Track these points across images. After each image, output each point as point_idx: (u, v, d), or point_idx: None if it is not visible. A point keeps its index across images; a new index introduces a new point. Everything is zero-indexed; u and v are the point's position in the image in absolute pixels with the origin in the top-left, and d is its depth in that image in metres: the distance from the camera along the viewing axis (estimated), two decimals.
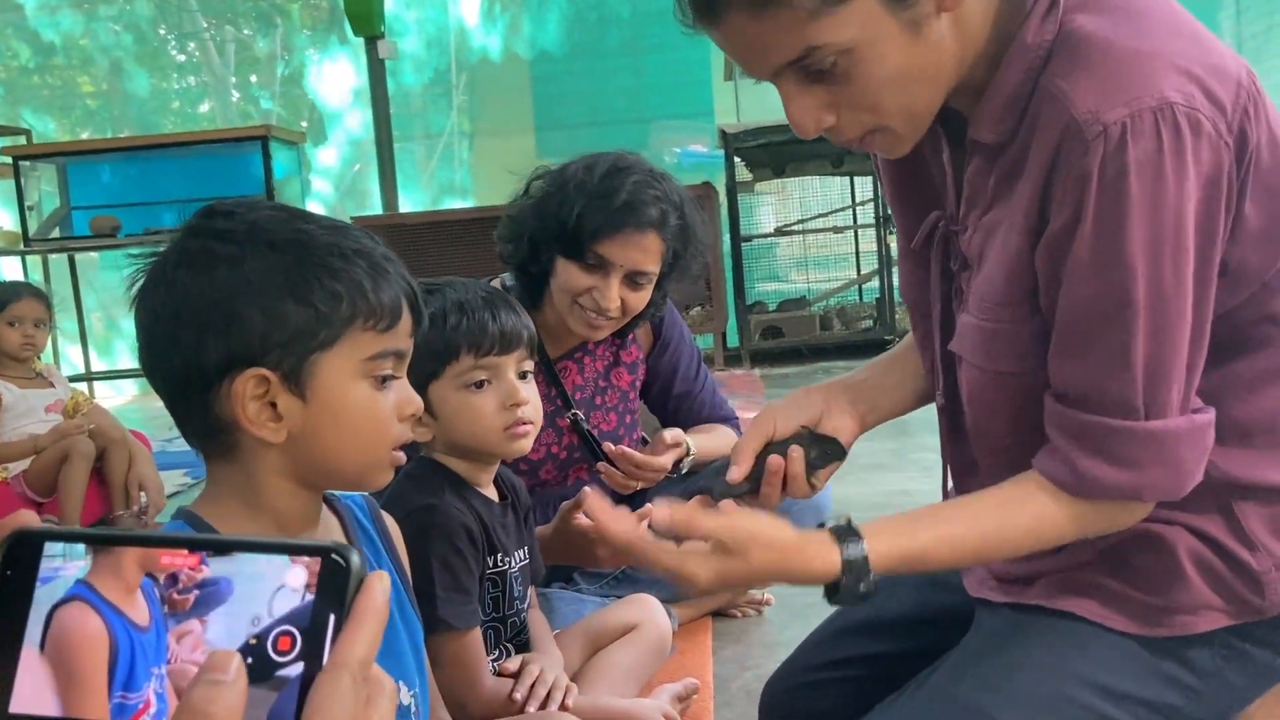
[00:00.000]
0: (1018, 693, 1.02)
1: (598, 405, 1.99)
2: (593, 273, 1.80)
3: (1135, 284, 0.89)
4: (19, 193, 5.29)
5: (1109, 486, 0.95)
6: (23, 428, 3.13)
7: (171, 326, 0.86)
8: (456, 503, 1.39)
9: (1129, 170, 0.87)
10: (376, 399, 0.90)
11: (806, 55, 0.92)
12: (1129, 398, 0.92)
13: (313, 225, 0.89)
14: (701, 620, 2.00)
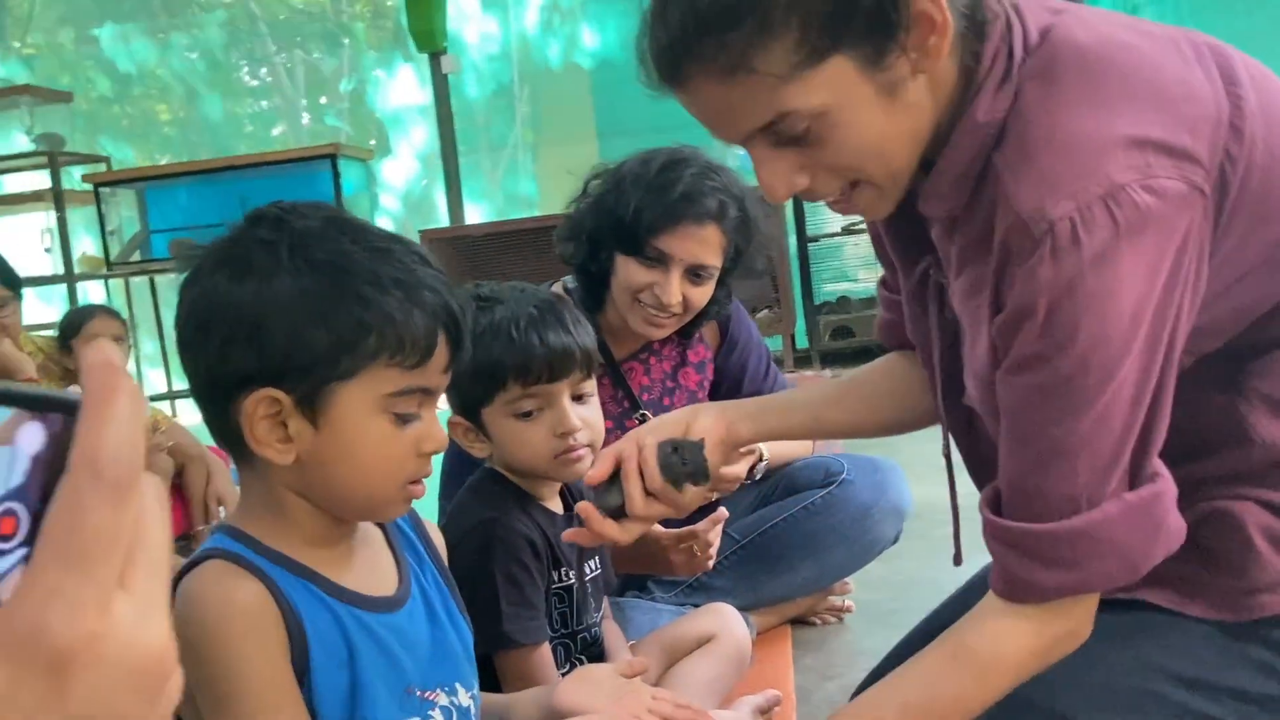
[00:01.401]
0: (1094, 691, 0.97)
1: (666, 406, 1.95)
2: (652, 268, 1.75)
3: (1084, 376, 0.84)
4: (100, 218, 5.45)
5: (1049, 588, 0.90)
6: None
7: (200, 329, 0.85)
8: (520, 516, 1.36)
9: (1084, 266, 0.82)
10: (393, 436, 0.86)
11: (778, 120, 0.88)
12: (1068, 490, 0.88)
13: (358, 246, 0.85)
14: (780, 628, 1.95)
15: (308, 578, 0.87)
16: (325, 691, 0.85)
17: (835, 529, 1.89)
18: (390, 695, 0.88)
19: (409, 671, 0.90)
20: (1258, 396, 0.95)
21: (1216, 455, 0.97)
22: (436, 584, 0.99)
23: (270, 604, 0.83)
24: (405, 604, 0.93)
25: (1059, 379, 0.85)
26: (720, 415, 1.18)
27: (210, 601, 0.83)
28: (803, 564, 1.89)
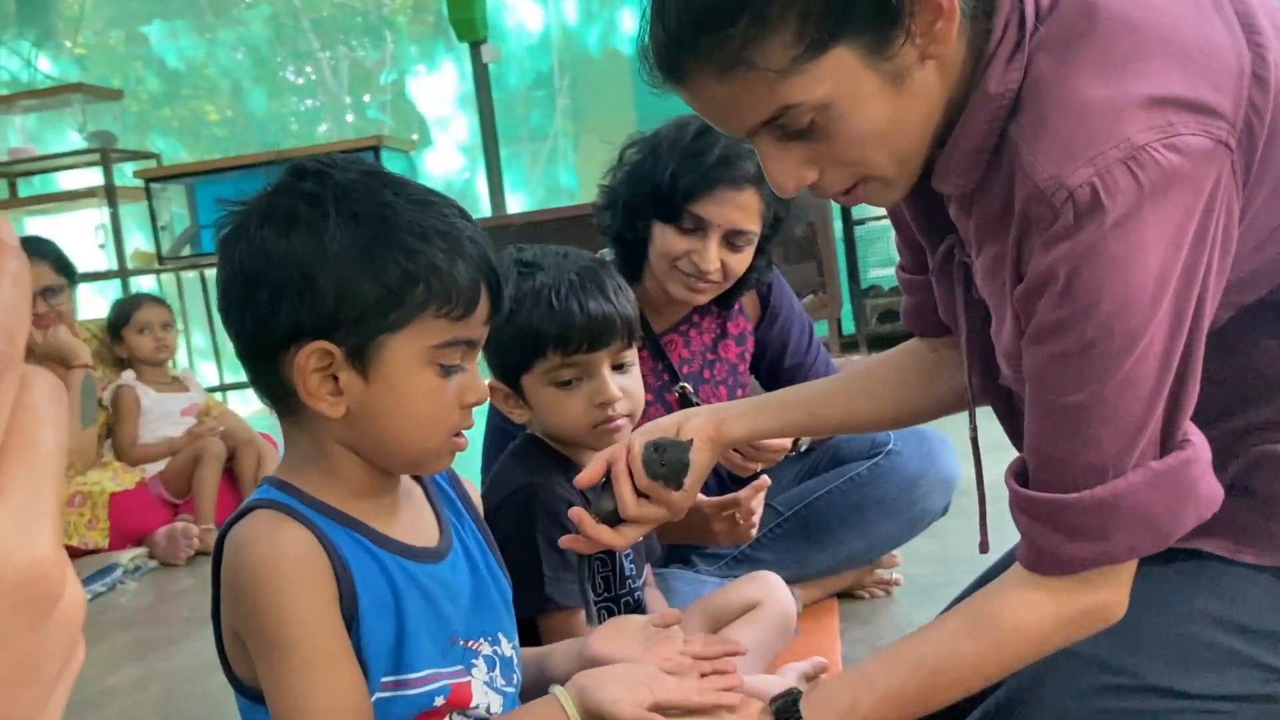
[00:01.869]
0: (1143, 640, 0.95)
1: (706, 379, 1.94)
2: (690, 235, 1.74)
3: (1108, 343, 0.82)
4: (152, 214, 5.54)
5: (1076, 559, 0.89)
6: (159, 431, 3.26)
7: (249, 285, 0.85)
8: (560, 481, 1.36)
9: (1105, 230, 0.80)
10: (439, 387, 0.87)
11: (781, 114, 0.87)
12: (1093, 460, 0.86)
13: (400, 198, 0.86)
14: (827, 601, 1.93)
15: (354, 528, 0.88)
16: (372, 639, 0.85)
17: (882, 500, 1.87)
18: (434, 644, 0.88)
19: (453, 621, 0.90)
20: None
21: (1268, 402, 0.95)
22: (476, 538, 0.99)
23: (319, 551, 0.84)
24: (448, 556, 0.93)
25: (1082, 345, 0.83)
26: (711, 415, 1.18)
27: (260, 549, 0.83)
28: (849, 536, 1.87)
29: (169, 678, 2.07)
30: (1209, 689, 0.94)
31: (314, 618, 0.82)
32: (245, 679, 0.88)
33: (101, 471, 3.15)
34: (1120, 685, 0.95)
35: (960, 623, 0.96)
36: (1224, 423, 0.96)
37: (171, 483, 3.15)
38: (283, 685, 0.82)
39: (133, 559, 2.96)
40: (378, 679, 0.85)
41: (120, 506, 3.06)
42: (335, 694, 0.82)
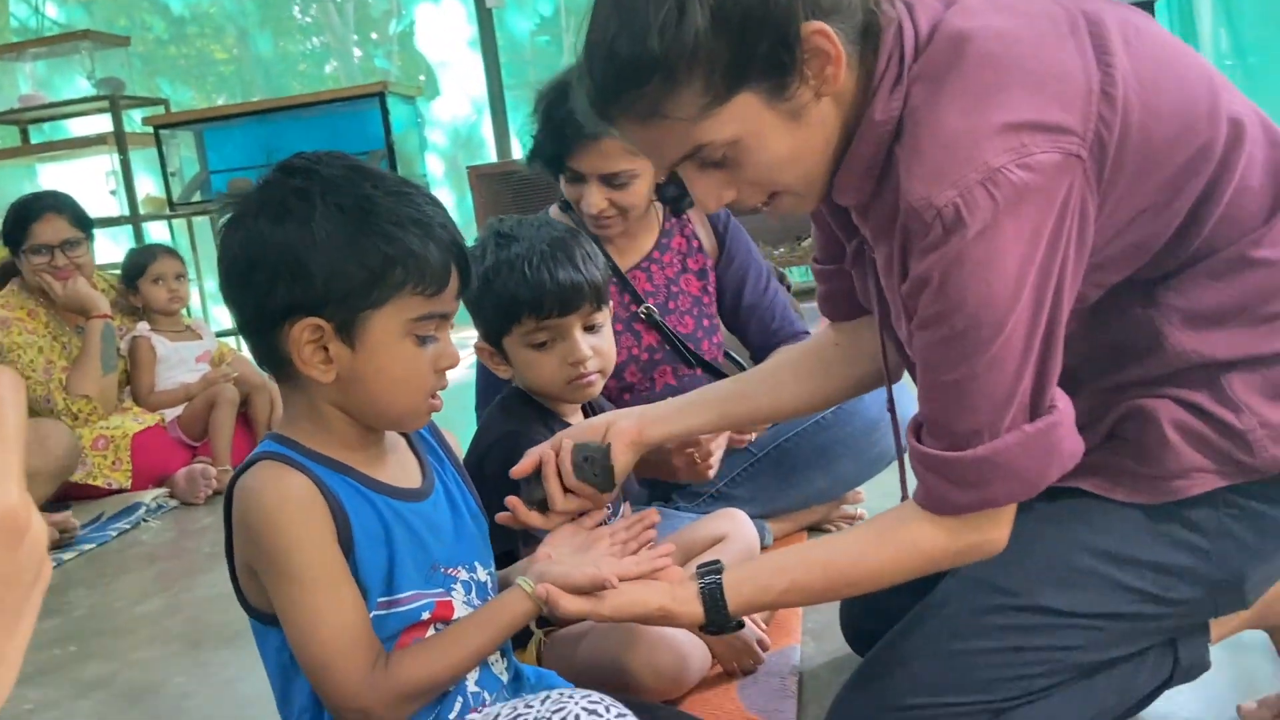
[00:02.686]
0: (1031, 566, 1.10)
1: (671, 310, 2.10)
2: (576, 184, 1.96)
3: (976, 331, 0.96)
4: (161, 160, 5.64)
5: (960, 504, 1.04)
6: (175, 377, 3.41)
7: (247, 268, 0.98)
8: (541, 429, 1.51)
9: (968, 241, 0.94)
10: (417, 355, 1.00)
11: (696, 151, 1.03)
12: (971, 425, 1.00)
13: (378, 190, 0.98)
14: (797, 535, 2.08)
15: (346, 473, 1.02)
16: (367, 567, 1.00)
17: (845, 441, 2.02)
18: (418, 571, 1.03)
19: (434, 551, 1.05)
20: (1171, 310, 1.06)
21: (1137, 363, 1.08)
22: (455, 481, 1.14)
23: (317, 494, 0.98)
24: (430, 495, 1.08)
25: (955, 334, 0.98)
26: (637, 419, 1.32)
27: (267, 494, 0.98)
28: (815, 475, 2.03)
29: (193, 606, 2.25)
30: (1084, 608, 1.09)
31: (317, 549, 0.97)
32: (258, 606, 1.03)
33: (123, 416, 3.31)
34: (1007, 605, 1.10)
35: (868, 536, 1.11)
36: (1101, 382, 1.10)
37: (188, 426, 3.31)
38: (295, 608, 0.97)
39: (155, 498, 3.14)
40: (374, 600, 1.00)
41: (142, 446, 3.23)
42: (340, 611, 0.97)
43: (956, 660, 1.10)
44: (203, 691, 1.81)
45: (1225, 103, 1.03)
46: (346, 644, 0.96)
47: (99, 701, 1.83)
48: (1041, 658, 1.09)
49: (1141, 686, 1.15)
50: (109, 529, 2.93)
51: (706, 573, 1.11)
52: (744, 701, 1.45)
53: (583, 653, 1.43)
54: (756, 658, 1.53)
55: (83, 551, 2.77)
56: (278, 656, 1.03)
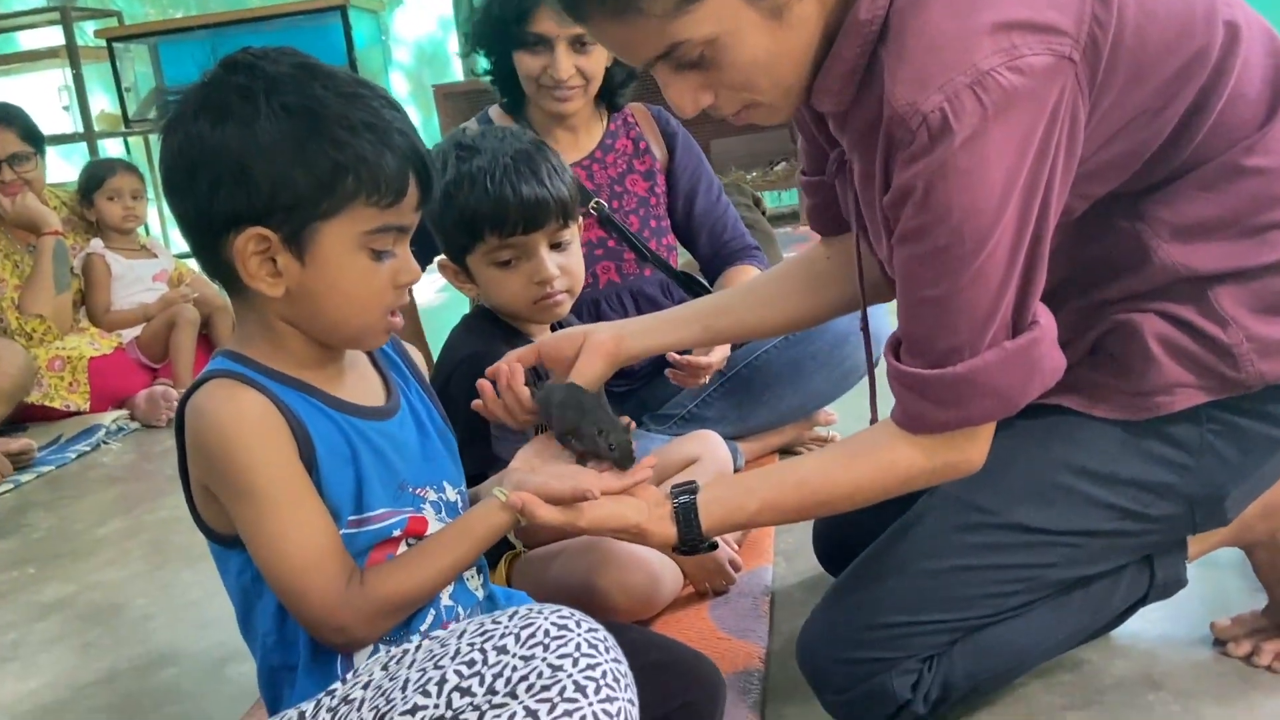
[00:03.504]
0: (1009, 484, 1.08)
1: (616, 209, 2.06)
2: (540, 52, 1.91)
3: (959, 245, 0.92)
4: (115, 75, 5.45)
5: (938, 422, 1.01)
6: (133, 296, 3.33)
7: (187, 174, 0.91)
8: (505, 349, 1.45)
9: (955, 149, 0.89)
10: (372, 270, 0.94)
11: (672, 50, 0.97)
12: (951, 342, 0.97)
13: (329, 91, 0.90)
14: (768, 457, 2.07)
15: (305, 391, 0.97)
16: (334, 485, 0.95)
17: (815, 356, 1.99)
18: (386, 491, 0.99)
19: (401, 471, 1.00)
20: (1158, 223, 1.03)
21: (1122, 277, 1.05)
22: (420, 398, 1.09)
23: (274, 410, 0.93)
24: (396, 414, 1.03)
25: (937, 248, 0.94)
26: (615, 332, 1.27)
27: (221, 412, 0.92)
28: (786, 391, 2.01)
29: (155, 528, 2.21)
30: (1062, 525, 1.07)
31: (278, 465, 0.92)
32: (216, 529, 0.98)
33: (79, 336, 3.23)
34: (985, 523, 1.08)
35: (843, 456, 1.09)
36: (1085, 298, 1.07)
37: (148, 348, 3.24)
38: (259, 528, 0.92)
39: (115, 420, 3.08)
40: (343, 519, 0.96)
41: (99, 370, 3.16)
42: (307, 529, 0.92)
43: (932, 578, 1.09)
44: (165, 613, 1.78)
45: (1222, 5, 0.99)
46: (317, 562, 0.92)
47: (58, 623, 1.80)
48: (1018, 575, 1.08)
49: (1117, 604, 1.15)
50: (68, 451, 2.87)
51: (681, 493, 1.08)
52: (716, 622, 1.44)
53: (553, 574, 1.41)
54: (729, 578, 1.52)
55: (41, 474, 2.72)
56: (239, 580, 0.99)
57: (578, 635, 0.81)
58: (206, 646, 1.62)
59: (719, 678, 1.14)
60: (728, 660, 1.31)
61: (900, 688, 1.09)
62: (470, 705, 0.78)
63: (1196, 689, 1.16)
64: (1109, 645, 1.23)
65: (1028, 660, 1.14)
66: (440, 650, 0.82)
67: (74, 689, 1.55)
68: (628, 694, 0.81)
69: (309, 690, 0.95)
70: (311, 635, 0.95)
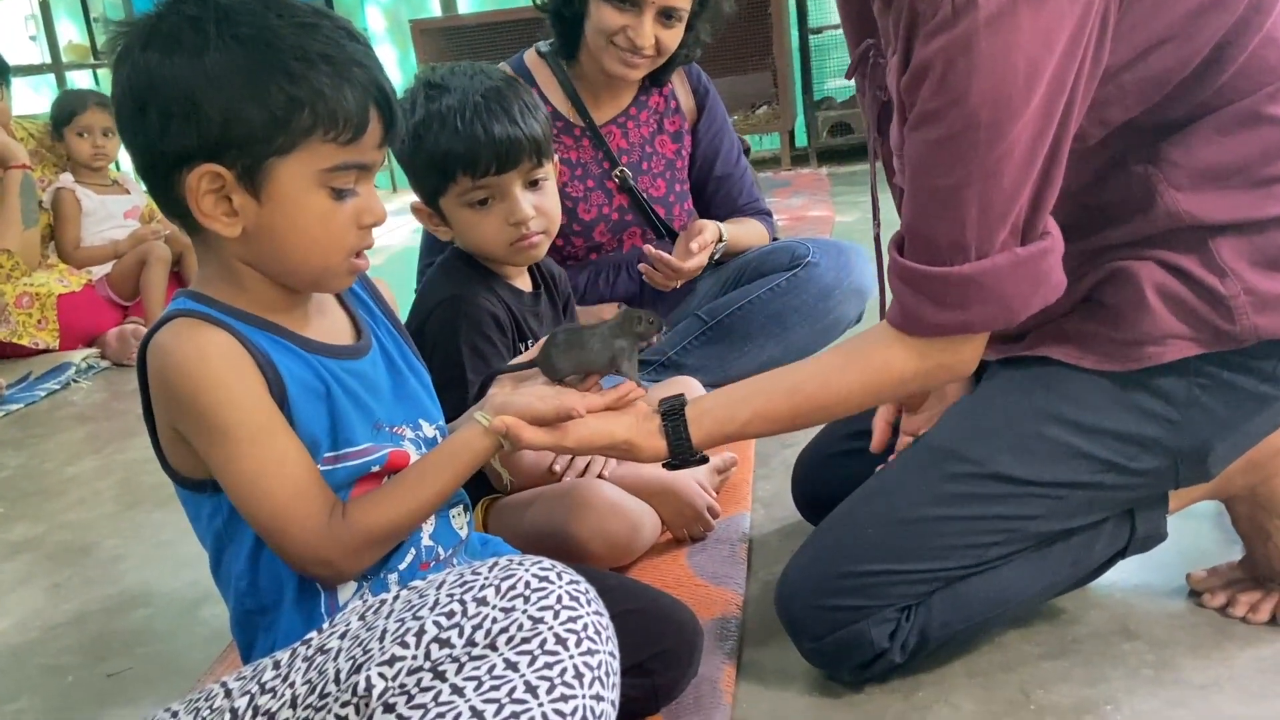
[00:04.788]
0: (991, 434, 1.07)
1: (644, 170, 2.04)
2: (626, 11, 1.85)
3: (975, 133, 0.89)
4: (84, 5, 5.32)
5: (936, 325, 0.99)
6: (104, 233, 3.27)
7: (137, 108, 0.87)
8: (484, 294, 1.43)
9: (978, 26, 0.86)
10: (333, 209, 0.90)
11: None
12: (958, 239, 0.94)
13: (283, 20, 0.86)
14: None
15: (271, 331, 0.94)
16: (307, 421, 0.93)
17: (799, 309, 1.98)
18: (362, 429, 0.97)
19: (375, 410, 0.98)
20: (1169, 165, 1.01)
21: (1125, 223, 1.04)
22: (391, 335, 1.06)
23: (241, 348, 0.90)
24: (367, 353, 1.01)
25: (951, 134, 0.91)
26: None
27: (186, 351, 0.89)
28: (768, 343, 1.99)
29: (126, 468, 2.19)
30: (1044, 476, 1.06)
31: (248, 400, 0.89)
32: (184, 471, 0.95)
33: (48, 273, 3.16)
34: (968, 473, 1.07)
35: (835, 360, 1.07)
36: (1086, 240, 1.05)
37: (118, 285, 3.18)
38: (234, 466, 0.89)
39: (85, 359, 3.03)
40: (319, 455, 0.94)
41: (69, 308, 3.10)
42: (283, 463, 0.90)
43: (913, 528, 1.08)
44: (136, 553, 1.76)
45: None
46: (297, 495, 0.90)
47: (28, 562, 1.78)
48: (999, 526, 1.07)
49: (1097, 556, 1.14)
50: (37, 389, 2.83)
51: (669, 407, 1.06)
52: (694, 568, 1.44)
53: (530, 520, 1.40)
54: (706, 525, 1.51)
55: (10, 411, 2.68)
56: (210, 524, 0.97)
57: (559, 587, 0.79)
58: (178, 587, 1.60)
59: (696, 625, 1.13)
60: (704, 606, 1.31)
61: (878, 636, 1.09)
62: (449, 657, 0.77)
63: (1171, 639, 1.17)
64: (1085, 595, 1.24)
65: (1006, 611, 1.14)
66: (419, 601, 0.81)
67: (43, 630, 1.53)
68: (609, 646, 0.80)
69: (292, 629, 0.94)
70: (295, 570, 0.93)
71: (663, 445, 1.05)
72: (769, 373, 1.11)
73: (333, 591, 0.96)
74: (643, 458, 1.07)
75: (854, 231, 3.54)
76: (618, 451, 1.06)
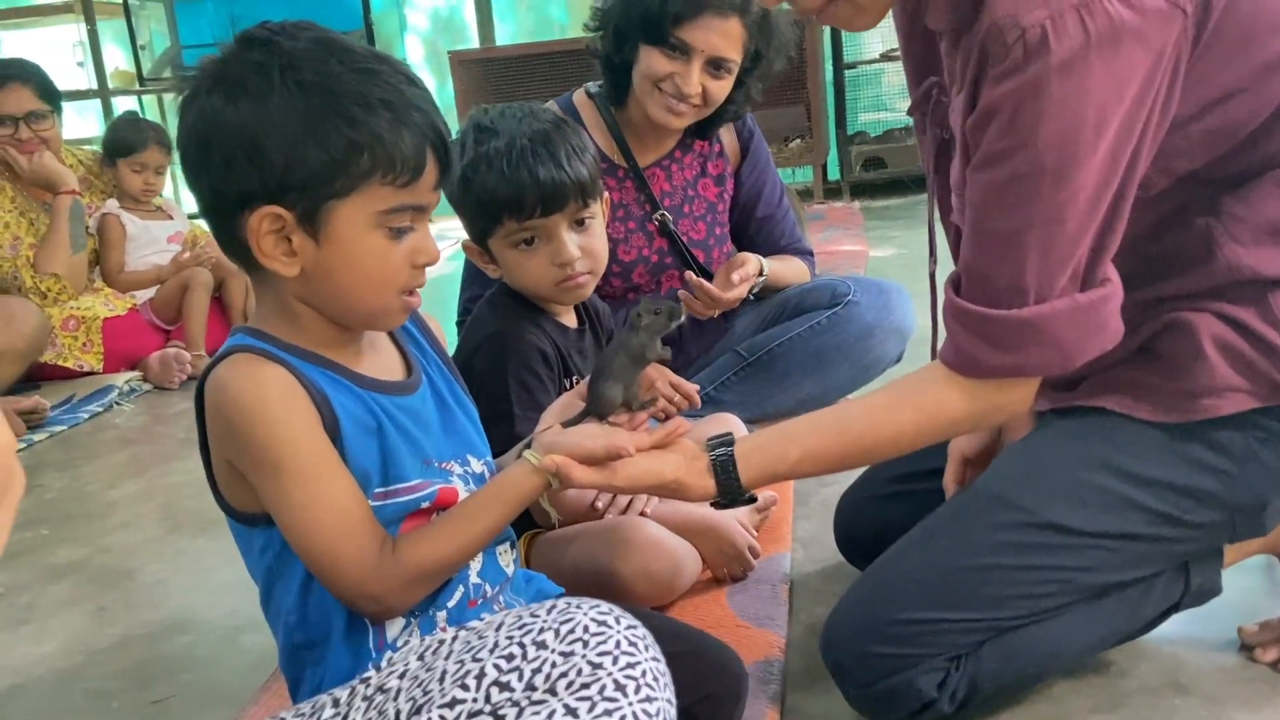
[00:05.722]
0: (1044, 482, 1.07)
1: (686, 214, 2.04)
2: (674, 58, 1.83)
3: (1040, 177, 0.89)
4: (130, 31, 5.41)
5: (991, 367, 0.98)
6: (147, 258, 3.32)
7: (201, 150, 0.89)
8: (531, 329, 1.45)
9: (1049, 71, 0.86)
10: (389, 250, 0.92)
11: None
12: (1017, 282, 0.94)
13: (344, 66, 0.88)
14: None
15: (326, 366, 0.95)
16: (359, 456, 0.94)
17: (839, 348, 1.98)
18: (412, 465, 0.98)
19: (425, 447, 0.99)
20: (1231, 219, 1.01)
21: (1184, 274, 1.03)
22: (440, 371, 1.08)
23: (296, 384, 0.92)
24: (418, 389, 1.02)
25: (1016, 176, 0.91)
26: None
27: (243, 385, 0.91)
28: (806, 380, 1.99)
29: (167, 492, 2.21)
30: (1099, 527, 1.05)
31: (303, 435, 0.91)
32: (237, 505, 0.96)
33: (94, 297, 3.21)
34: (1021, 521, 1.06)
35: (886, 400, 1.07)
36: (1143, 290, 1.05)
37: (161, 309, 3.23)
38: (286, 500, 0.91)
39: (127, 381, 3.07)
40: (370, 490, 0.95)
41: (113, 331, 3.15)
42: (335, 498, 0.91)
43: (964, 576, 1.07)
44: (178, 578, 1.78)
45: None
46: (348, 530, 0.91)
47: (72, 585, 1.80)
48: (1052, 577, 1.07)
49: (1150, 610, 1.13)
50: (81, 411, 2.87)
51: (718, 445, 1.06)
52: (734, 608, 1.43)
53: (572, 556, 1.40)
54: (747, 564, 1.51)
55: (54, 433, 2.72)
56: (261, 558, 0.98)
57: (617, 632, 0.80)
58: (220, 615, 1.61)
59: (742, 669, 1.12)
60: (747, 649, 1.30)
61: (926, 685, 1.08)
62: (509, 701, 0.77)
63: (1223, 694, 1.15)
64: (1135, 647, 1.22)
65: (1057, 663, 1.13)
66: (478, 643, 0.81)
67: (87, 654, 1.55)
68: (666, 693, 0.80)
69: (340, 664, 0.95)
70: (345, 605, 0.94)
71: (711, 484, 1.05)
72: (817, 412, 1.11)
73: (381, 627, 0.97)
74: (691, 497, 1.07)
75: (888, 267, 3.54)
76: (666, 491, 1.06)
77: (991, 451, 1.23)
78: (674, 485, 1.05)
